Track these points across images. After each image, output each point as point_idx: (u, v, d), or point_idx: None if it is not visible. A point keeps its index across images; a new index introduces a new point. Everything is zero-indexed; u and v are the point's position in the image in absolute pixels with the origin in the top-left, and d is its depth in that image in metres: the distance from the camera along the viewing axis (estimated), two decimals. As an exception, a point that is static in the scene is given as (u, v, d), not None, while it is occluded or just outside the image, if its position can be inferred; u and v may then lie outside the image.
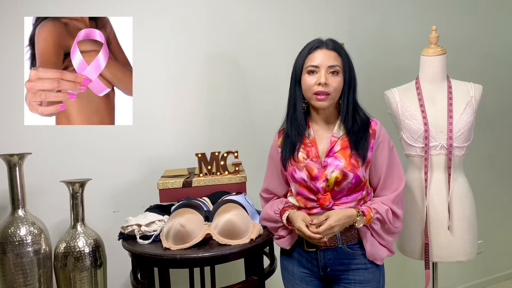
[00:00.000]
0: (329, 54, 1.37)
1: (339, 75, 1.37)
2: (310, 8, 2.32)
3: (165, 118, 2.04)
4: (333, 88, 1.36)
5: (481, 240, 2.82)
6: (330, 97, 1.36)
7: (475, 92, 1.75)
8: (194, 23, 2.08)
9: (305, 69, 1.38)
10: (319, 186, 1.37)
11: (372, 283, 1.42)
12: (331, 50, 1.38)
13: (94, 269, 1.67)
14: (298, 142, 1.43)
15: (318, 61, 1.36)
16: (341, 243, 1.40)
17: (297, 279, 1.49)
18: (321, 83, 1.34)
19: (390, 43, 2.54)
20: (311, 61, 1.37)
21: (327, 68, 1.35)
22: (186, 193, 1.74)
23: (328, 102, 1.37)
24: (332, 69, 1.36)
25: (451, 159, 1.68)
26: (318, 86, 1.35)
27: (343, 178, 1.35)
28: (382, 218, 1.38)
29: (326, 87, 1.35)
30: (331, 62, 1.36)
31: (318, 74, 1.35)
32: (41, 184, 1.84)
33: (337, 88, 1.37)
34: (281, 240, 1.50)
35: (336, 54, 1.38)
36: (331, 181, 1.36)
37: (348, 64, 1.40)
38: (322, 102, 1.36)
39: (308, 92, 1.38)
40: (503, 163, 2.99)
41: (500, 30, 2.91)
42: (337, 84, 1.36)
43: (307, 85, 1.38)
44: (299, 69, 1.40)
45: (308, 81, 1.37)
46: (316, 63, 1.36)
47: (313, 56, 1.37)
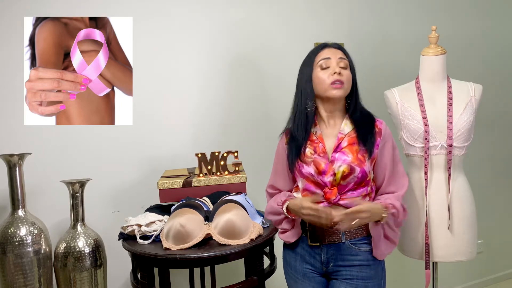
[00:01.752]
0: (336, 51, 1.46)
1: (347, 70, 1.44)
2: (310, 8, 2.32)
3: (165, 118, 2.04)
4: (346, 79, 1.42)
5: (481, 240, 2.82)
6: (344, 87, 1.42)
7: (475, 92, 1.75)
8: (193, 23, 2.08)
9: (317, 65, 1.44)
10: (326, 180, 1.41)
11: (374, 279, 1.44)
12: (337, 49, 1.47)
13: (94, 269, 1.67)
14: (305, 140, 1.47)
15: (330, 54, 1.44)
16: (344, 238, 1.42)
17: (300, 274, 1.50)
18: (336, 71, 1.40)
19: (390, 43, 2.54)
20: (323, 55, 1.44)
21: (338, 60, 1.43)
22: (186, 193, 1.74)
23: (342, 92, 1.42)
24: (342, 62, 1.43)
25: (451, 159, 1.68)
26: (333, 76, 1.40)
27: (350, 172, 1.39)
28: (397, 213, 1.42)
29: (340, 76, 1.41)
30: (340, 55, 1.45)
31: (331, 67, 1.42)
32: (41, 184, 1.84)
33: (349, 80, 1.44)
34: (285, 234, 1.51)
35: (342, 52, 1.47)
36: (338, 175, 1.39)
37: (353, 65, 1.48)
38: (338, 90, 1.41)
39: (324, 84, 1.42)
40: (503, 163, 2.99)
41: (500, 30, 2.91)
42: (348, 76, 1.44)
43: (321, 78, 1.43)
44: (309, 67, 1.46)
45: (322, 74, 1.43)
46: (327, 56, 1.44)
47: (322, 52, 1.45)
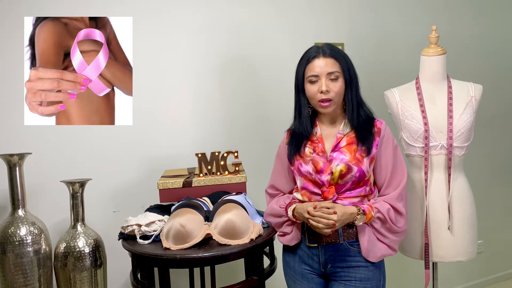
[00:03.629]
0: (326, 62, 1.43)
1: (339, 79, 1.43)
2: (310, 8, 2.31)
3: (165, 118, 2.04)
4: (334, 93, 1.42)
5: (481, 240, 2.82)
6: (333, 102, 1.44)
7: (475, 92, 1.75)
8: (194, 23, 2.08)
9: (307, 79, 1.46)
10: (324, 179, 1.41)
11: (373, 281, 1.44)
12: (328, 58, 1.43)
13: (94, 269, 1.67)
14: (305, 140, 1.49)
15: (317, 70, 1.43)
16: (342, 239, 1.43)
17: (299, 275, 1.51)
18: (323, 91, 1.41)
19: (390, 43, 2.54)
20: (311, 71, 1.44)
21: (327, 75, 1.42)
22: (186, 193, 1.74)
23: (332, 108, 1.45)
24: (331, 75, 1.42)
25: (451, 159, 1.68)
26: (320, 94, 1.42)
27: (347, 171, 1.40)
28: (383, 217, 1.41)
29: (328, 94, 1.42)
30: (329, 69, 1.42)
31: (319, 83, 1.43)
32: (41, 184, 1.84)
33: (339, 92, 1.44)
34: (285, 238, 1.52)
35: (333, 60, 1.43)
36: (335, 174, 1.40)
37: (347, 66, 1.45)
38: (326, 108, 1.44)
39: (313, 100, 1.46)
40: (503, 163, 2.99)
41: (501, 30, 2.91)
42: (338, 88, 1.43)
43: (310, 93, 1.45)
44: (300, 79, 1.48)
45: (311, 90, 1.44)
46: (315, 73, 1.43)
47: (312, 66, 1.44)
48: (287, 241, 1.51)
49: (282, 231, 1.52)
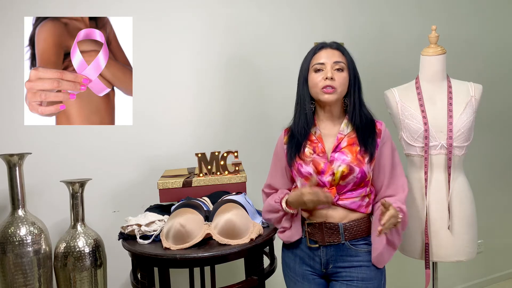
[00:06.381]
0: (333, 52, 1.45)
1: (344, 71, 1.43)
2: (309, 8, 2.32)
3: (165, 118, 2.04)
4: (339, 83, 1.41)
5: (481, 240, 2.82)
6: (336, 91, 1.42)
7: (475, 92, 1.75)
8: (194, 23, 2.08)
9: (312, 68, 1.45)
10: (325, 180, 1.41)
11: (374, 281, 1.43)
12: (335, 49, 1.45)
13: (94, 269, 1.67)
14: (304, 139, 1.47)
15: (324, 59, 1.43)
16: (344, 239, 1.42)
17: (299, 276, 1.49)
18: (328, 77, 1.40)
19: (390, 43, 2.54)
20: (317, 59, 1.44)
21: (333, 64, 1.42)
22: (186, 193, 1.74)
23: (334, 96, 1.42)
24: (337, 65, 1.42)
25: (451, 159, 1.68)
26: (325, 81, 1.41)
27: (349, 172, 1.39)
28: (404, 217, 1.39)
29: (332, 82, 1.40)
30: (336, 58, 1.43)
31: (325, 71, 1.42)
32: (41, 184, 1.84)
33: (343, 83, 1.43)
34: (285, 234, 1.49)
35: (340, 52, 1.46)
36: (337, 175, 1.39)
37: (353, 65, 1.47)
38: (329, 95, 1.41)
39: (316, 87, 1.43)
40: (503, 163, 2.99)
41: (500, 30, 2.91)
42: (342, 79, 1.42)
43: (314, 82, 1.43)
44: (305, 69, 1.47)
45: (315, 77, 1.43)
46: (322, 61, 1.43)
47: (319, 55, 1.45)
48: (288, 237, 1.48)
49: (282, 226, 1.49)
